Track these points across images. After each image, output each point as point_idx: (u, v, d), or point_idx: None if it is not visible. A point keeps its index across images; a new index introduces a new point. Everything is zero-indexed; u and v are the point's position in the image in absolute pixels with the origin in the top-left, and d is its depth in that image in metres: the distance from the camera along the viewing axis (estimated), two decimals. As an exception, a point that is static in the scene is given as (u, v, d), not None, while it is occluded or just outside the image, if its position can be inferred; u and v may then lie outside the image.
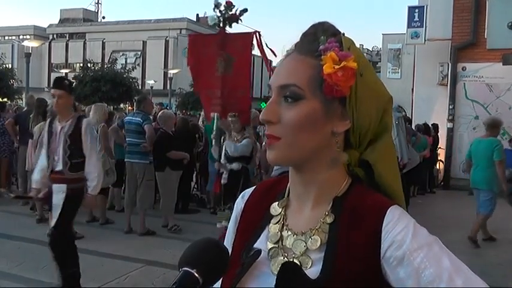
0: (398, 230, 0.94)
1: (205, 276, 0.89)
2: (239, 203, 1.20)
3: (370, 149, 1.07)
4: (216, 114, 6.30)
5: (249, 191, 1.21)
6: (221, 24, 6.26)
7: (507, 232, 7.55)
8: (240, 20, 6.26)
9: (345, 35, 1.07)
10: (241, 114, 6.40)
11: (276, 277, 0.98)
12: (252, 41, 6.15)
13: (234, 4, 6.23)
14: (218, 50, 6.13)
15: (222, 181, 6.39)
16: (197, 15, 59.05)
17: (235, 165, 6.34)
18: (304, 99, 0.99)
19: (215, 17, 6.26)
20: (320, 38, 1.02)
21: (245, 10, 6.25)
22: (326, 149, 1.03)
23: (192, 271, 0.88)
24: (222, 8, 6.23)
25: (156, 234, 7.21)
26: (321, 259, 0.98)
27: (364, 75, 1.01)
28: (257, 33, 6.11)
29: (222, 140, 6.61)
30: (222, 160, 6.45)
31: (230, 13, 6.18)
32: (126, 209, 7.50)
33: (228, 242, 1.18)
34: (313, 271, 0.97)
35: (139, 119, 7.22)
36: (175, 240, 6.72)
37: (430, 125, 12.61)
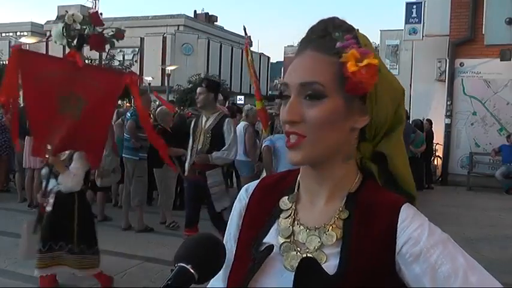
0: (415, 227, 0.95)
1: (200, 271, 0.88)
2: (243, 198, 1.20)
3: (385, 141, 1.08)
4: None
5: (253, 185, 1.21)
6: (74, 44, 4.30)
7: (503, 228, 7.57)
8: (117, 41, 4.39)
9: (359, 31, 1.06)
10: (92, 154, 4.58)
11: (293, 272, 0.98)
12: (123, 85, 4.35)
13: (101, 17, 4.46)
14: (61, 84, 4.15)
15: (46, 208, 4.62)
16: (195, 11, 59.11)
17: (63, 186, 4.53)
18: (327, 97, 0.98)
19: (61, 31, 4.21)
20: (335, 34, 1.01)
21: (122, 31, 4.43)
22: (345, 145, 1.03)
23: (187, 267, 0.87)
24: (76, 20, 4.28)
25: (154, 230, 7.21)
26: (336, 254, 0.99)
27: (381, 70, 1.01)
28: (134, 75, 4.54)
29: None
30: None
31: (95, 30, 4.27)
32: (124, 205, 7.49)
33: (230, 237, 1.18)
34: (327, 266, 0.97)
35: (129, 115, 7.21)
36: (174, 237, 6.71)
37: (421, 121, 12.63)
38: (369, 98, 1.02)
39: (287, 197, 1.11)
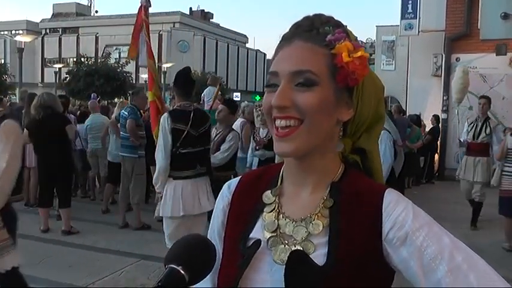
0: (399, 211, 0.97)
1: (191, 272, 0.88)
2: (225, 195, 1.19)
3: (365, 137, 1.11)
4: None
5: (235, 182, 1.20)
6: None
7: (500, 222, 7.56)
8: None
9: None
10: None
11: (281, 265, 0.98)
12: None
13: None
14: None
15: None
16: (190, 8, 58.95)
17: None
18: (319, 85, 0.98)
19: None
20: (324, 28, 1.02)
21: None
22: (332, 137, 1.05)
23: (178, 268, 0.87)
24: None
25: (152, 228, 7.20)
26: (324, 244, 0.99)
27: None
28: None
29: None
30: None
31: None
32: (121, 203, 7.49)
33: (214, 234, 1.17)
34: (316, 256, 0.98)
35: (127, 113, 7.22)
36: (171, 234, 6.71)
37: (417, 116, 12.65)
38: (355, 92, 1.04)
39: (270, 191, 1.11)
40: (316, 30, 1.02)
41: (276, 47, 1.08)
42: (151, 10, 4.95)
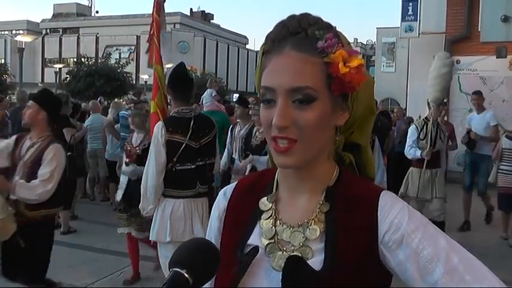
0: (395, 213, 0.96)
1: (195, 276, 0.88)
2: (221, 201, 1.18)
3: (358, 133, 1.11)
4: None
5: (230, 188, 1.20)
6: None
7: (498, 226, 7.56)
8: None
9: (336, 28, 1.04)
10: None
11: (279, 272, 0.98)
12: None
13: None
14: None
15: None
16: (191, 9, 58.96)
17: None
18: (318, 100, 0.96)
19: None
20: (315, 32, 0.98)
21: None
22: (328, 143, 1.04)
23: (182, 271, 0.87)
24: None
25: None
26: (321, 249, 0.98)
27: None
28: None
29: None
30: None
31: None
32: (120, 203, 7.47)
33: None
34: (315, 261, 0.97)
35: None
36: (170, 235, 6.69)
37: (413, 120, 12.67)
38: (351, 95, 1.02)
39: (266, 197, 1.10)
40: (304, 31, 0.98)
41: (262, 48, 1.05)
42: (151, 11, 4.66)
